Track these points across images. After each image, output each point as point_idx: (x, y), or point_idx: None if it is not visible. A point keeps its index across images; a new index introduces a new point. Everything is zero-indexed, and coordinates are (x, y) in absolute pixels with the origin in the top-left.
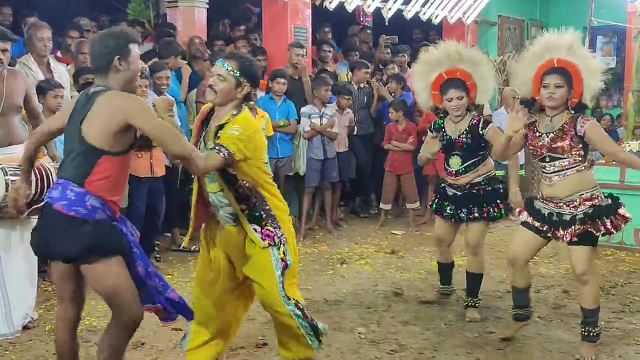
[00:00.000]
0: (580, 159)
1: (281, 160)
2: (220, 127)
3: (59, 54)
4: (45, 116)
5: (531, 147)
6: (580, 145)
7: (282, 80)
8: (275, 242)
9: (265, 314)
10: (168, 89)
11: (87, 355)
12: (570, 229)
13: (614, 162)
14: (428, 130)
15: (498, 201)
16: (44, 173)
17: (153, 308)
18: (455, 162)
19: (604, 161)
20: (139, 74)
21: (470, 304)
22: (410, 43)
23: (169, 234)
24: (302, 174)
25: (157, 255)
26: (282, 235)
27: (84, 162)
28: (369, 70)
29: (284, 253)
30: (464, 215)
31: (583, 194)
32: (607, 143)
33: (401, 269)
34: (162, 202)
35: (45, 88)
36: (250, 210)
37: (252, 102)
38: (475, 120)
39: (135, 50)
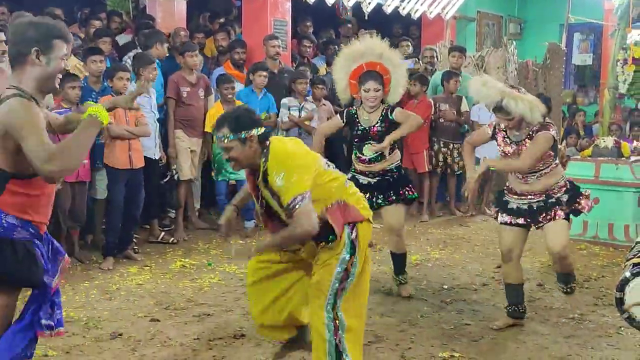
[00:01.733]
0: (550, 159)
1: None
2: (265, 175)
3: None
4: None
5: (502, 152)
6: (549, 152)
7: (263, 73)
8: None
9: (242, 304)
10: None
11: (63, 345)
12: (552, 212)
13: (589, 158)
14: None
15: (410, 185)
16: None
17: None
18: (368, 151)
19: (579, 157)
20: (61, 74)
21: (401, 281)
22: (389, 38)
23: (147, 226)
24: None
25: (134, 247)
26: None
27: None
28: None
29: (351, 265)
30: (381, 201)
31: (559, 182)
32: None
33: (378, 262)
34: (141, 194)
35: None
36: (324, 241)
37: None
38: (385, 109)
39: (62, 49)
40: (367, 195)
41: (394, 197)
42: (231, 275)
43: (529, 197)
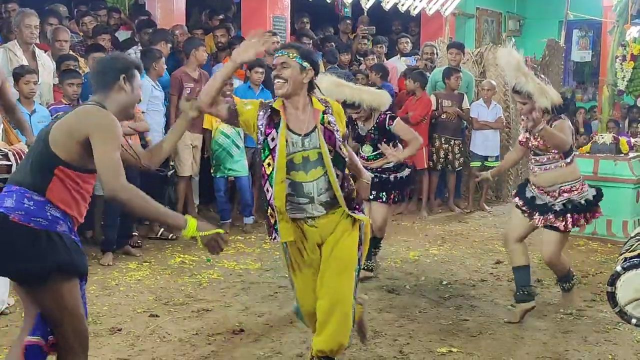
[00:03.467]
0: (557, 156)
1: (252, 149)
2: (324, 112)
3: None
4: (22, 102)
5: (533, 149)
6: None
7: (260, 69)
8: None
9: (242, 300)
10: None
11: None
12: (544, 217)
13: (587, 154)
14: None
15: (405, 188)
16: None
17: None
18: (367, 150)
19: (578, 153)
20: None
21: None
22: (388, 34)
23: (147, 222)
24: None
25: (138, 242)
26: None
27: (43, 168)
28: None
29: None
30: (372, 197)
31: (562, 186)
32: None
33: (377, 258)
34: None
35: (18, 74)
36: (347, 195)
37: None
38: (380, 119)
39: (139, 78)
40: None
41: (383, 199)
42: (230, 271)
43: (537, 190)
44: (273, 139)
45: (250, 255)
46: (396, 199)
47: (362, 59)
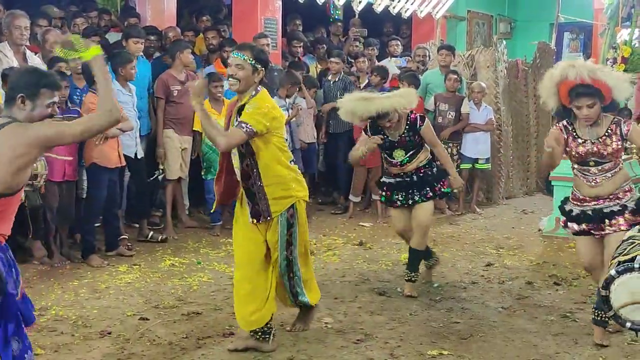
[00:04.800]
0: (620, 160)
1: None
2: (242, 107)
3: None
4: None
5: (574, 153)
6: (622, 146)
7: None
8: (261, 221)
9: (232, 303)
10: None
11: (52, 344)
12: (616, 219)
13: None
14: (363, 131)
15: (443, 179)
16: None
17: None
18: (399, 154)
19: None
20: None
21: (408, 278)
22: (380, 37)
23: (137, 225)
24: None
25: (128, 244)
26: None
27: None
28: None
29: (290, 234)
30: (417, 197)
31: (624, 187)
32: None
33: (368, 261)
34: (118, 190)
35: (7, 76)
36: (247, 189)
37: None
38: (412, 119)
39: (50, 97)
40: (402, 194)
41: (431, 194)
42: (220, 274)
43: (592, 202)
44: None
45: None
46: (445, 189)
47: (353, 61)
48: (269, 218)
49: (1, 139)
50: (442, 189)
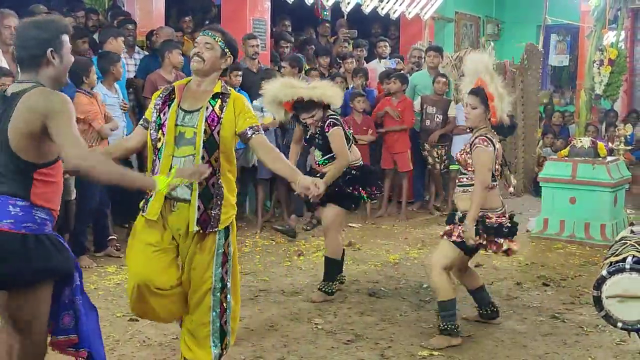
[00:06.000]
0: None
1: (237, 151)
2: (219, 95)
3: None
4: None
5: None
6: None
7: (238, 73)
8: (212, 230)
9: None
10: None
11: None
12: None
13: (566, 158)
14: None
15: (360, 186)
16: None
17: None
18: (318, 155)
19: (556, 157)
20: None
21: (320, 287)
22: (368, 38)
23: (126, 226)
24: (255, 165)
25: (117, 245)
26: (222, 224)
27: (19, 176)
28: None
29: (228, 245)
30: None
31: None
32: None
33: (357, 261)
34: (105, 190)
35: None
36: (206, 187)
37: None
38: (326, 121)
39: (68, 42)
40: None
41: (334, 198)
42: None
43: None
44: (165, 114)
45: None
46: (358, 196)
47: (341, 62)
48: (215, 229)
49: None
50: (356, 194)
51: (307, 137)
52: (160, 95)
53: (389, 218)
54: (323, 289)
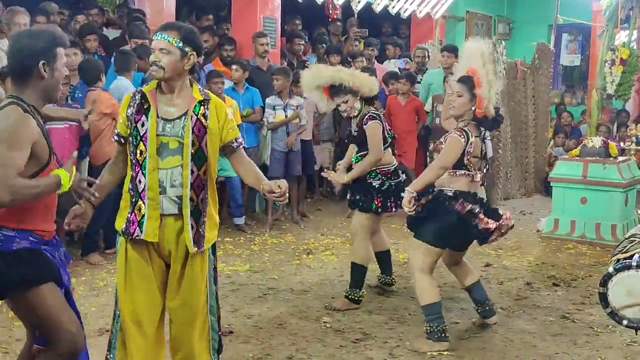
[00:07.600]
0: None
1: (247, 150)
2: (201, 102)
3: None
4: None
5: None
6: None
7: (235, 67)
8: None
9: (231, 302)
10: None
11: None
12: None
13: (577, 158)
14: None
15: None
16: None
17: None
18: (354, 151)
19: (567, 157)
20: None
21: (346, 294)
22: (379, 37)
23: None
24: (267, 164)
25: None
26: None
27: None
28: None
29: (216, 259)
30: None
31: None
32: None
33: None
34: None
35: (5, 73)
36: (197, 204)
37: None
38: (363, 117)
39: (63, 55)
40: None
41: (360, 204)
42: (219, 272)
43: None
44: (143, 125)
45: (239, 257)
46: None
47: (352, 60)
48: (202, 249)
49: None
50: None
51: (348, 132)
52: (130, 104)
53: (399, 217)
54: (349, 297)
